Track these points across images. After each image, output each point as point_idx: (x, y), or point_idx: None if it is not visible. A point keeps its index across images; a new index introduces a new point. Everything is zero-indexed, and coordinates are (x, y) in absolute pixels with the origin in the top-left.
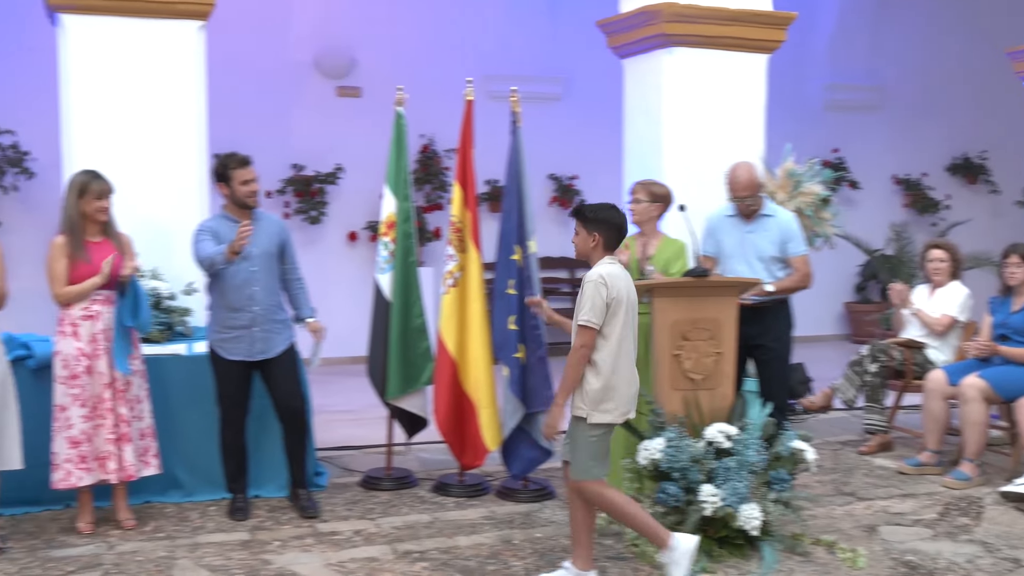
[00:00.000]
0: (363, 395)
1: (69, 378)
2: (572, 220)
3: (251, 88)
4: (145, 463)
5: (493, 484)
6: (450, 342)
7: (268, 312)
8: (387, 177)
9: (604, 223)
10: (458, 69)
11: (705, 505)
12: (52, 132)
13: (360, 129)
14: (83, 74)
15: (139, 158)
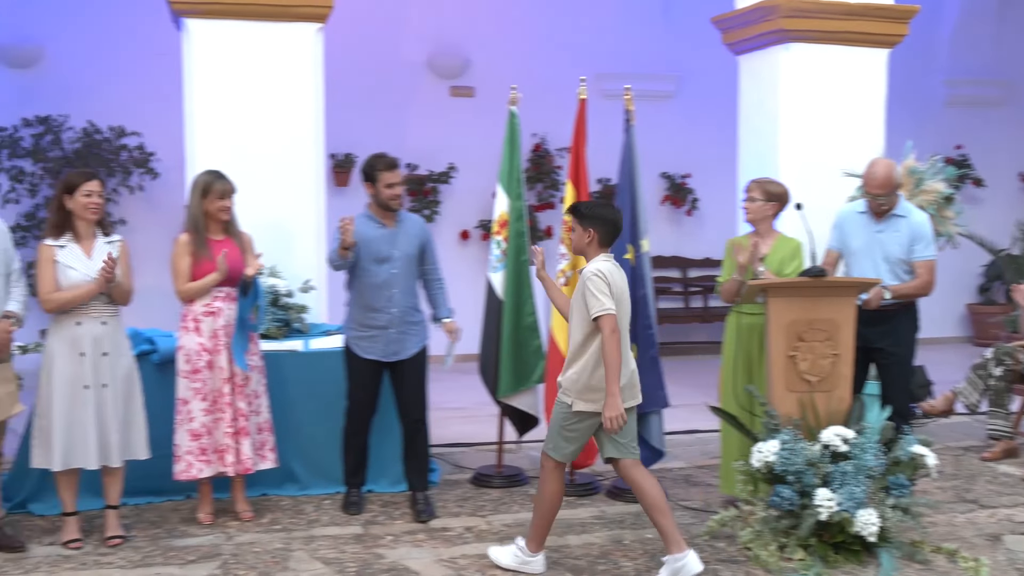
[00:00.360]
0: (475, 393)
1: (191, 372)
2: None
3: (366, 88)
4: (262, 457)
5: (603, 484)
6: (561, 340)
7: (405, 314)
8: (500, 176)
9: (599, 219)
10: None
11: (820, 509)
12: (176, 133)
13: (473, 128)
14: (206, 77)
15: (259, 158)
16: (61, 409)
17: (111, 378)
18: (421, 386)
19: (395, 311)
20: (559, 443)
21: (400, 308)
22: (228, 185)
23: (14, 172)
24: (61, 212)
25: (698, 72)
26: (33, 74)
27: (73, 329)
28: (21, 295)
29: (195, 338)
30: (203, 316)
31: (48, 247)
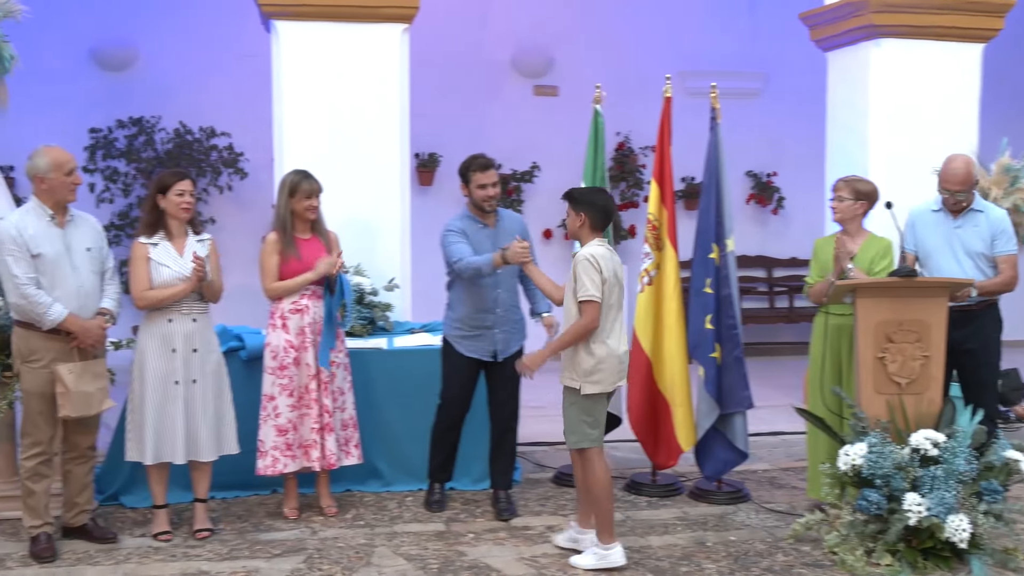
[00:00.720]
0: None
1: (278, 369)
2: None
3: (450, 88)
4: (347, 453)
5: (686, 484)
6: (645, 340)
7: (508, 313)
8: (584, 175)
9: (590, 204)
10: (655, 66)
11: (909, 514)
12: (264, 134)
13: (556, 127)
14: (294, 77)
15: (345, 158)
16: (152, 404)
17: (201, 374)
18: (517, 385)
19: (500, 311)
20: (583, 432)
21: (504, 308)
22: (315, 185)
23: (108, 172)
24: (154, 211)
25: (785, 69)
26: (127, 77)
27: (165, 326)
28: (115, 293)
29: (282, 335)
30: (290, 313)
31: (141, 245)
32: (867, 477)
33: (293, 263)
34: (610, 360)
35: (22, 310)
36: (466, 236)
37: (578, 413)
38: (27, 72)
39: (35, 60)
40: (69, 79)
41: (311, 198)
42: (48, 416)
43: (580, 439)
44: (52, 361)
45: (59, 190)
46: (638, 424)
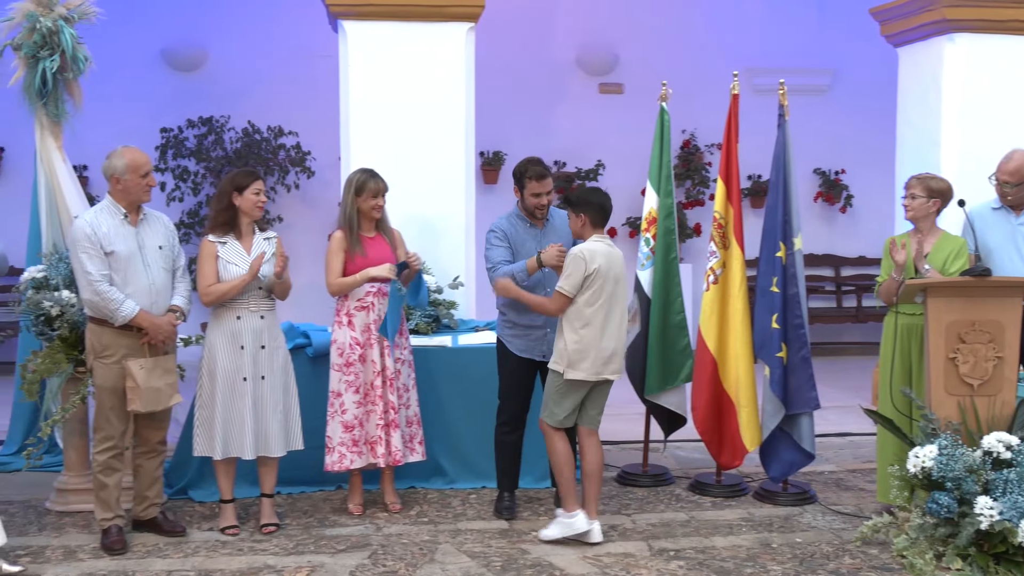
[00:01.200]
0: (620, 390)
1: (344, 366)
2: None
3: (515, 86)
4: (411, 449)
5: (751, 485)
6: (710, 340)
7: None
8: (649, 173)
9: (587, 204)
10: (722, 62)
11: (981, 518)
12: (331, 133)
13: (622, 125)
14: (361, 77)
15: (411, 156)
16: (221, 400)
17: (269, 370)
18: None
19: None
20: (553, 410)
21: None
22: (381, 184)
23: (178, 171)
24: (228, 209)
25: (854, 65)
26: (197, 77)
27: (233, 323)
28: (185, 290)
29: (348, 332)
30: (356, 311)
31: (211, 243)
32: (937, 480)
33: (359, 260)
34: (590, 351)
35: (95, 306)
36: (507, 238)
37: (554, 393)
38: (100, 73)
39: (108, 61)
40: (141, 80)
41: (377, 197)
42: (120, 411)
43: (548, 416)
44: (124, 357)
45: (134, 191)
46: (703, 424)
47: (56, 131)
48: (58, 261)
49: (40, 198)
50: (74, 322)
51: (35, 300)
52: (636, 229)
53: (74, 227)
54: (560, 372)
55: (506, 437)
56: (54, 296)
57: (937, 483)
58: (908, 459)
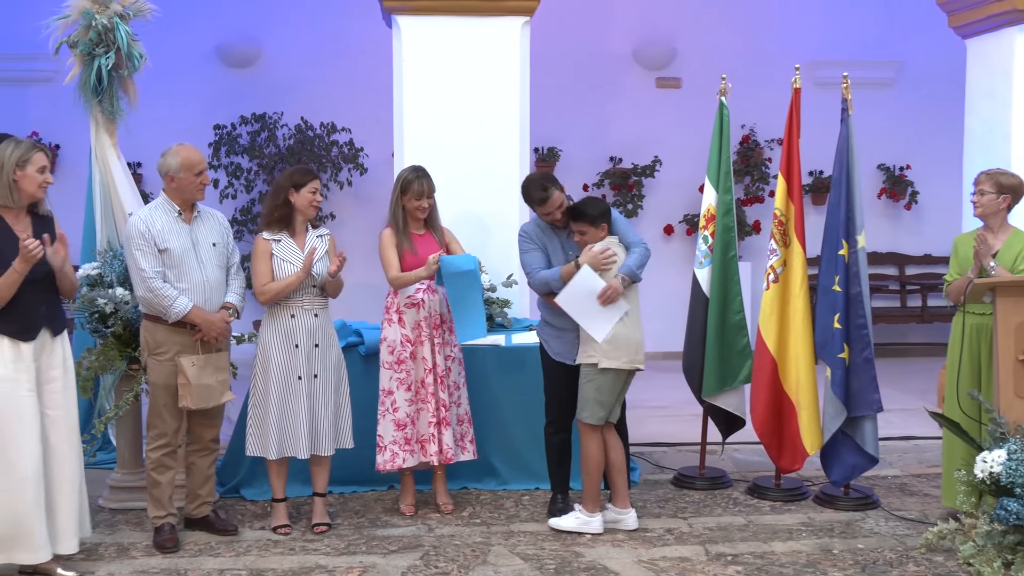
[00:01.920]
0: (677, 391)
1: (395, 363)
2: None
3: (570, 81)
4: (462, 448)
5: (812, 489)
6: (770, 339)
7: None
8: (708, 169)
9: (606, 214)
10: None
11: None
12: (384, 129)
13: (679, 120)
14: (415, 72)
15: (464, 153)
16: (276, 399)
17: (322, 369)
18: None
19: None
20: (594, 408)
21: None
22: (426, 185)
23: (231, 168)
24: (285, 207)
25: (920, 57)
26: (250, 74)
27: (287, 321)
28: (239, 287)
29: (399, 330)
30: (406, 308)
31: (265, 241)
32: (1006, 486)
33: (408, 257)
34: (624, 339)
35: (149, 303)
36: (541, 242)
37: (594, 390)
38: (155, 70)
39: (162, 58)
40: (195, 77)
41: (421, 198)
42: (173, 408)
43: (590, 415)
44: (177, 354)
45: (188, 189)
46: (762, 426)
47: (111, 128)
48: (112, 258)
49: (95, 195)
50: (128, 319)
51: (89, 297)
52: (694, 227)
53: (128, 224)
54: (595, 363)
55: (552, 438)
56: (108, 293)
57: (1006, 489)
58: (975, 464)
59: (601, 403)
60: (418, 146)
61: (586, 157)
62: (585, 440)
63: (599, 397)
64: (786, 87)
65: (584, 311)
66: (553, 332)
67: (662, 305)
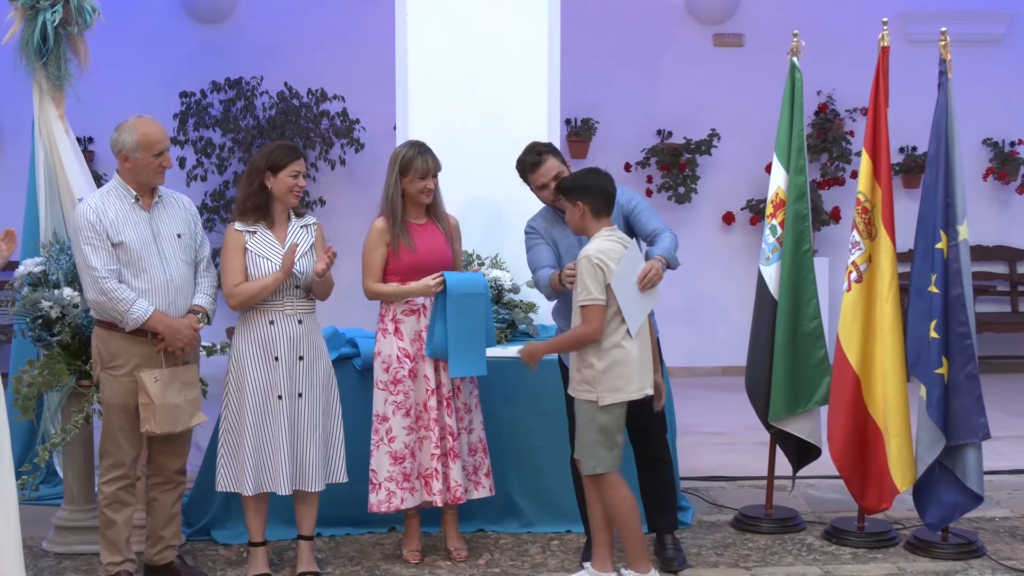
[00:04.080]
0: (739, 414)
1: (391, 383)
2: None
3: (609, 39)
4: (476, 483)
5: (902, 534)
6: (852, 352)
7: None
8: (776, 145)
9: (585, 189)
10: (867, 8)
11: None
12: (385, 98)
13: (741, 86)
14: (421, 30)
15: (480, 125)
16: (252, 423)
17: (308, 386)
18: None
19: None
20: (599, 454)
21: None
22: (431, 162)
23: (201, 144)
24: (260, 192)
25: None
26: (224, 31)
27: (265, 329)
28: (210, 287)
29: (395, 342)
30: (404, 316)
31: (237, 233)
32: None
33: (405, 254)
34: (625, 365)
35: (101, 307)
36: (548, 236)
37: (594, 432)
38: (110, 27)
39: (119, 13)
40: (157, 35)
41: (426, 178)
42: (130, 433)
43: (596, 464)
44: (136, 367)
45: (144, 172)
46: (842, 456)
47: (58, 97)
48: (59, 253)
49: (39, 177)
50: (77, 326)
51: (32, 299)
52: (759, 215)
53: (76, 213)
54: (593, 400)
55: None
56: (54, 295)
57: None
58: None
59: (606, 445)
60: (425, 118)
61: (629, 131)
62: (609, 493)
63: (605, 440)
64: (872, 45)
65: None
66: None
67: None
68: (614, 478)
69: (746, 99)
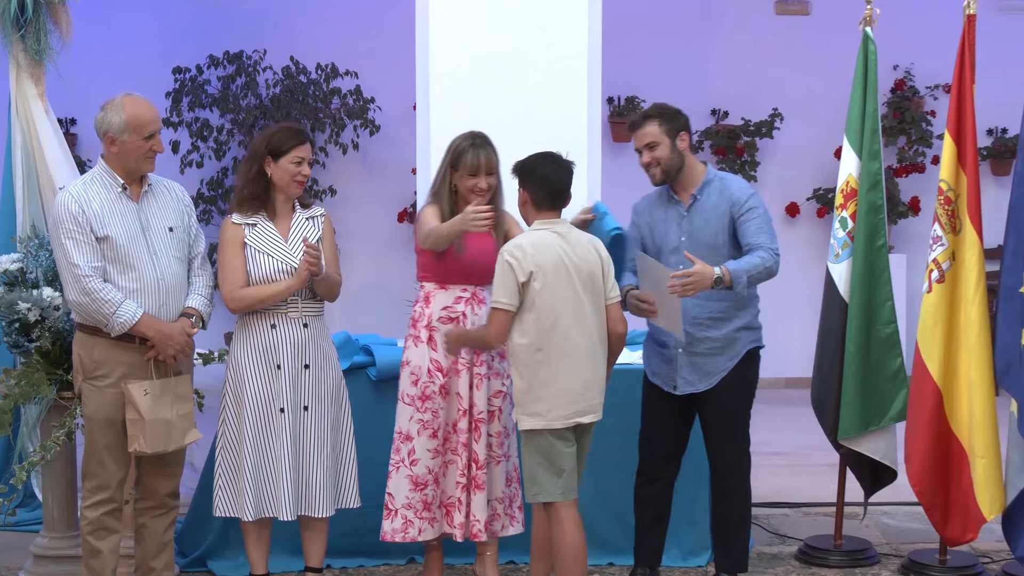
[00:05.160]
0: (804, 432)
1: (418, 398)
2: None
3: (657, 8)
4: (510, 517)
5: (989, 568)
6: (933, 362)
7: (698, 329)
8: (847, 126)
9: (528, 176)
10: None
11: None
12: (403, 73)
13: (807, 60)
14: None
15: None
16: (252, 440)
17: (315, 399)
18: (731, 426)
19: (684, 325)
20: (541, 481)
21: (689, 319)
22: (484, 157)
23: (197, 126)
24: (259, 180)
25: None
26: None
27: (266, 334)
28: (206, 287)
29: (427, 352)
30: (441, 324)
31: (234, 226)
32: None
33: (449, 257)
34: (549, 386)
35: (84, 309)
36: (633, 218)
37: (534, 455)
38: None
39: None
40: (147, 3)
41: (478, 174)
42: (117, 451)
43: (538, 491)
44: (122, 378)
45: (132, 157)
46: (921, 480)
47: (37, 73)
48: (38, 249)
49: (15, 163)
50: (58, 330)
51: (8, 301)
52: (827, 206)
53: (55, 204)
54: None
55: (642, 490)
56: (32, 296)
57: None
58: None
59: (550, 470)
60: (449, 97)
61: None
62: (558, 527)
63: (548, 465)
64: (956, 14)
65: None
66: (657, 349)
67: (782, 314)
68: (563, 512)
69: (812, 75)
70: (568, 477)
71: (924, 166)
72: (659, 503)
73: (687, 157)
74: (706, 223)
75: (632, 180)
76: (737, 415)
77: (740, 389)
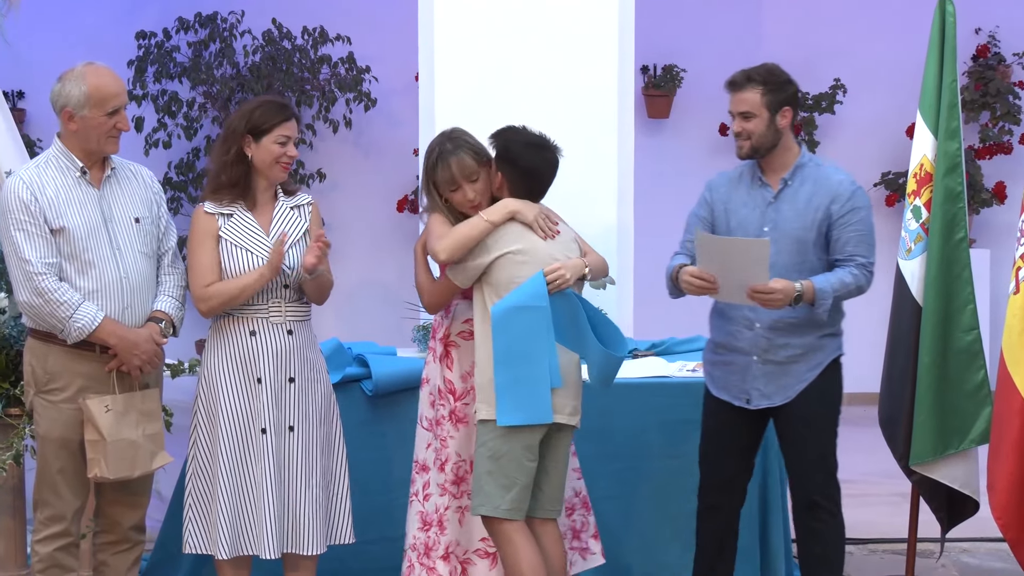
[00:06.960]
0: (870, 456)
1: (435, 423)
2: None
3: None
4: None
5: None
6: (1021, 375)
7: (779, 334)
8: (921, 101)
9: (511, 163)
10: None
11: None
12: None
13: (874, 23)
14: None
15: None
16: (228, 466)
17: (301, 417)
18: (819, 444)
19: (759, 328)
20: (487, 492)
21: (767, 323)
22: (465, 161)
23: (164, 100)
24: (239, 164)
25: None
26: None
27: (244, 342)
28: (177, 288)
29: (440, 371)
30: (461, 339)
31: (207, 216)
32: None
33: None
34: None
35: (37, 312)
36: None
37: (485, 460)
38: None
39: None
40: None
41: (457, 188)
42: (73, 477)
43: (482, 502)
44: (80, 392)
45: (93, 136)
46: (1007, 512)
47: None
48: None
49: None
50: (5, 337)
51: None
52: (898, 192)
53: (3, 191)
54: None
55: (705, 516)
56: None
57: None
58: None
59: (500, 482)
60: (456, 66)
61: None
62: (500, 544)
63: (498, 473)
64: None
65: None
66: (719, 357)
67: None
68: (511, 531)
69: (881, 41)
70: (521, 492)
71: (1011, 146)
72: (719, 529)
73: (785, 136)
74: (797, 215)
75: (669, 158)
76: (825, 433)
77: (824, 403)
